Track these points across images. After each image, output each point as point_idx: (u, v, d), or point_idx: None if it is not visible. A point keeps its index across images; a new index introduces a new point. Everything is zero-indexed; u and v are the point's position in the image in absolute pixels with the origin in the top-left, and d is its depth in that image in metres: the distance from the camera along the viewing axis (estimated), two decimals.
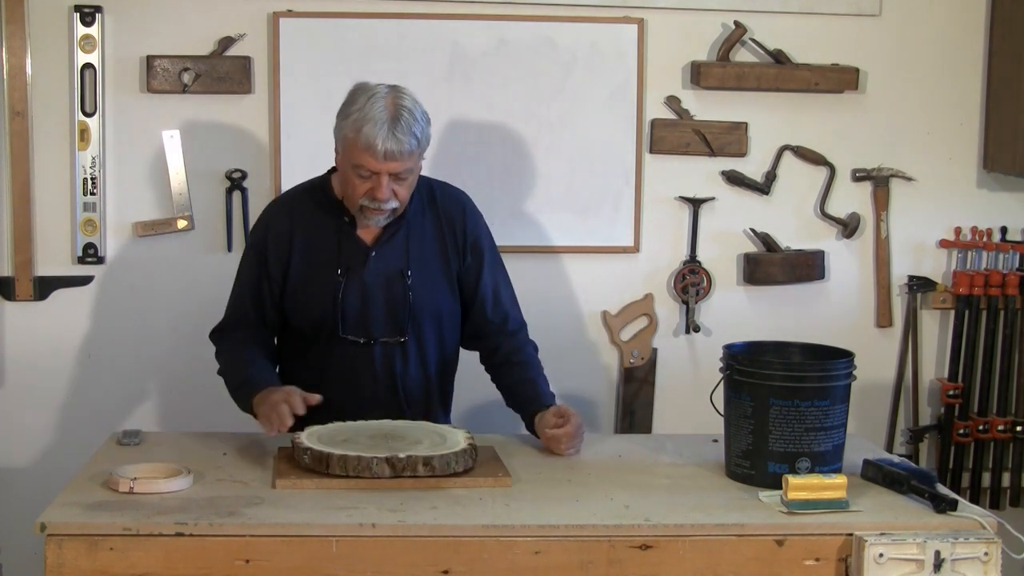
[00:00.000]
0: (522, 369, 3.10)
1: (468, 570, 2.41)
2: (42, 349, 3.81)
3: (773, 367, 2.68)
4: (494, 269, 3.13)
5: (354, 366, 3.01)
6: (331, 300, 2.98)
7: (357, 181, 2.88)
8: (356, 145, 2.83)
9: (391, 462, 2.61)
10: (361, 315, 3.00)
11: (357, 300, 2.99)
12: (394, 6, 3.82)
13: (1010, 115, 3.93)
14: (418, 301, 3.01)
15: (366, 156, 2.83)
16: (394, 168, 2.84)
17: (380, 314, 3.00)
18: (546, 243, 3.93)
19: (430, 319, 3.05)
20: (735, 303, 4.04)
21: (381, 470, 2.61)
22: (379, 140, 2.80)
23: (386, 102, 2.84)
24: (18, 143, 3.71)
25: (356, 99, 2.87)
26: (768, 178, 3.99)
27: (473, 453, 2.71)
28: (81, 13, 3.70)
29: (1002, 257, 4.08)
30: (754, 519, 2.50)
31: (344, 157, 2.90)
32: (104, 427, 3.68)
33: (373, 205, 2.89)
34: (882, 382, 4.09)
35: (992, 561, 2.45)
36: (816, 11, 3.95)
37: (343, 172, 2.93)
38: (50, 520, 2.38)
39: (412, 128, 2.83)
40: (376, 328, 3.01)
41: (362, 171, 2.86)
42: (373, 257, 2.99)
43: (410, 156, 2.85)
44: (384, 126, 2.80)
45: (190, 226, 3.82)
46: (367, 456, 2.62)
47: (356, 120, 2.83)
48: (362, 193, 2.88)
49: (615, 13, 3.89)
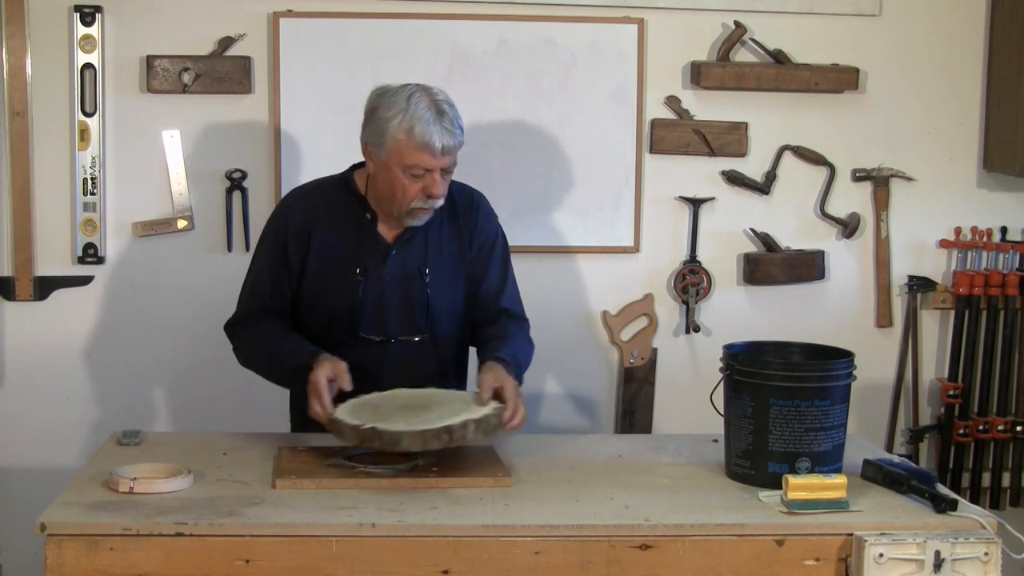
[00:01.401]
0: (499, 334, 3.03)
1: (468, 570, 2.41)
2: (42, 349, 3.82)
3: (773, 367, 2.68)
4: (501, 267, 3.13)
5: (371, 364, 3.00)
6: (349, 298, 2.98)
7: (408, 182, 2.87)
8: (409, 145, 2.83)
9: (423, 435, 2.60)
10: (378, 314, 3.00)
11: (375, 299, 2.99)
12: (394, 6, 3.82)
13: (1010, 115, 3.93)
14: (436, 299, 3.02)
15: (422, 155, 2.83)
16: (446, 163, 2.87)
17: (397, 313, 3.01)
18: (546, 243, 3.93)
19: (446, 317, 3.05)
20: (735, 303, 4.04)
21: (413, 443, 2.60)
22: (435, 137, 2.81)
23: (427, 101, 2.85)
24: (18, 143, 3.71)
25: (392, 102, 2.86)
26: (768, 178, 3.99)
27: (485, 424, 2.66)
28: (81, 13, 3.71)
29: (1002, 257, 4.08)
30: (754, 519, 2.50)
31: (392, 160, 2.87)
32: (104, 427, 3.69)
33: (427, 204, 2.89)
34: (882, 382, 4.09)
35: (992, 561, 2.45)
36: (816, 11, 3.95)
37: (388, 176, 2.89)
38: (50, 520, 2.38)
39: (457, 120, 2.87)
40: (393, 327, 3.01)
41: (415, 170, 2.85)
42: (392, 256, 2.99)
43: (459, 148, 2.89)
44: (436, 123, 2.82)
45: (190, 226, 3.82)
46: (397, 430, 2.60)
47: (403, 121, 2.83)
48: (415, 194, 2.87)
49: (615, 13, 3.89)
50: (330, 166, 3.75)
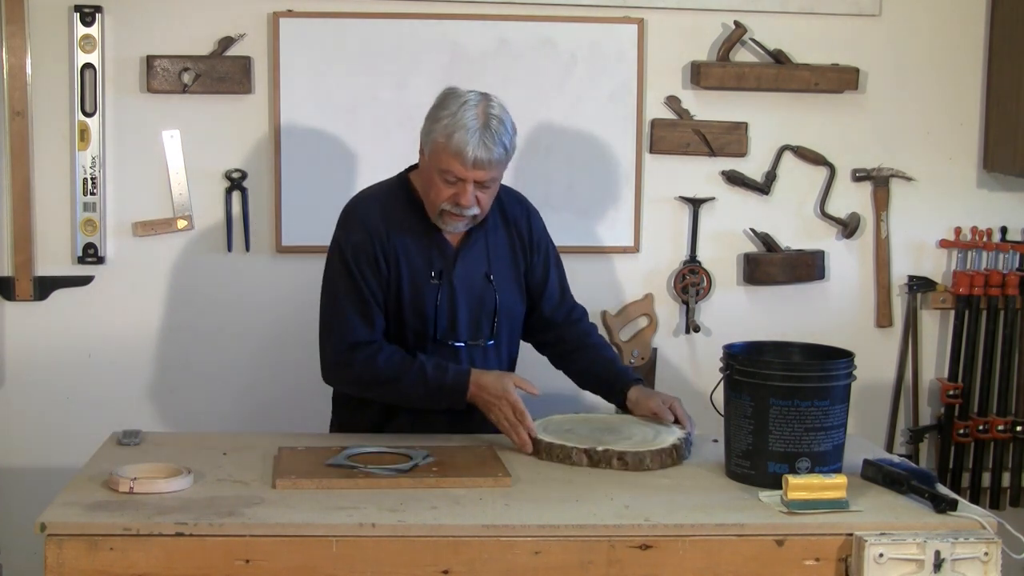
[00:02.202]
0: (597, 350, 3.19)
1: (468, 570, 2.41)
2: (42, 349, 3.81)
3: (773, 367, 2.68)
4: (558, 267, 3.21)
5: None
6: (429, 304, 2.98)
7: (442, 186, 2.88)
8: (446, 150, 2.84)
9: (589, 453, 2.78)
10: (452, 318, 3.01)
11: (448, 303, 3.00)
12: (394, 6, 3.82)
13: (1010, 115, 3.93)
14: (502, 303, 3.05)
15: (455, 162, 2.83)
16: (480, 176, 2.86)
17: (466, 317, 3.02)
18: None
19: (508, 320, 3.09)
20: (735, 303, 4.04)
21: (579, 459, 2.78)
22: (469, 148, 2.81)
23: (478, 110, 2.85)
24: (18, 143, 3.71)
25: (448, 104, 2.88)
26: (768, 178, 3.99)
27: (674, 453, 2.81)
28: (81, 13, 3.70)
29: (1002, 257, 4.09)
30: (754, 519, 2.50)
31: (431, 161, 2.89)
32: (104, 427, 3.68)
33: (455, 211, 2.90)
34: (882, 382, 4.09)
35: (992, 561, 2.45)
36: (816, 11, 3.95)
37: (428, 175, 2.92)
38: (50, 520, 2.38)
39: (501, 137, 2.86)
40: (464, 331, 3.02)
41: (448, 176, 2.86)
42: (460, 260, 3.01)
43: (497, 165, 2.88)
44: (476, 134, 2.82)
45: (190, 226, 3.82)
46: (569, 446, 2.80)
47: (447, 125, 2.84)
48: (445, 198, 2.89)
49: (615, 13, 3.89)
50: (330, 166, 3.77)
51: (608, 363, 3.17)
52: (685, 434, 2.91)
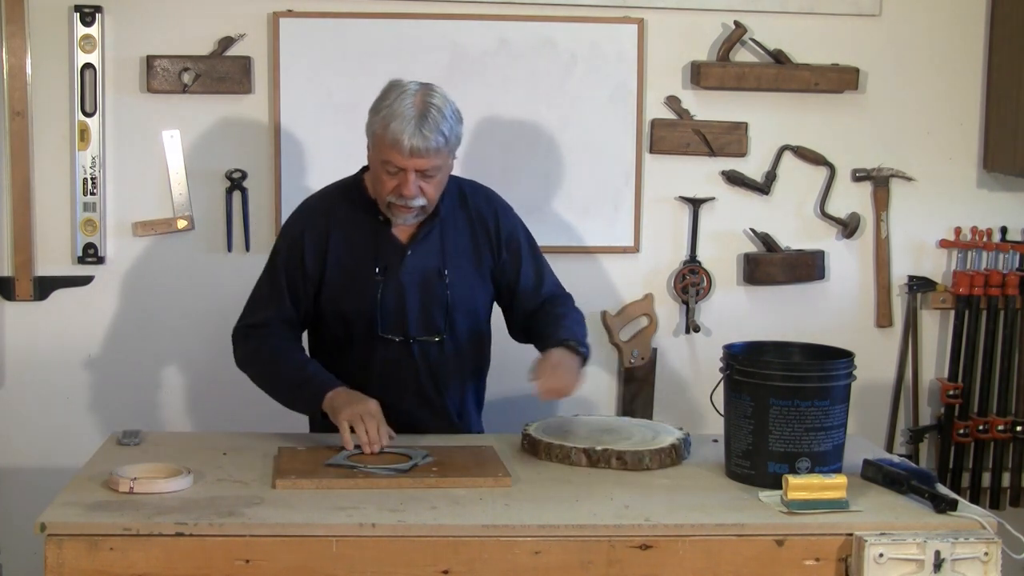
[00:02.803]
0: (552, 310, 3.11)
1: (468, 570, 2.41)
2: (42, 349, 3.82)
3: (773, 367, 2.68)
4: (534, 260, 3.16)
5: (393, 365, 3.01)
6: (370, 299, 2.98)
7: (385, 177, 2.89)
8: (384, 141, 2.85)
9: (588, 453, 2.79)
10: (398, 314, 3.00)
11: (394, 299, 3.00)
12: (394, 6, 3.82)
13: (1010, 115, 3.93)
14: (455, 299, 3.02)
15: (393, 152, 2.84)
16: (420, 165, 2.86)
17: (416, 313, 3.01)
18: (546, 243, 3.90)
19: (466, 317, 3.06)
20: (735, 303, 4.04)
21: (579, 459, 2.79)
22: (405, 136, 2.82)
23: (415, 99, 2.85)
24: (18, 143, 3.71)
25: (388, 95, 2.89)
26: (768, 178, 3.99)
27: (674, 453, 2.82)
28: (81, 13, 3.70)
29: (1002, 257, 4.09)
30: (754, 519, 2.50)
31: (374, 153, 2.92)
32: (104, 427, 3.69)
33: (400, 202, 2.90)
34: (882, 382, 4.09)
35: (992, 561, 2.45)
36: (816, 11, 3.95)
37: (373, 168, 2.95)
38: (50, 520, 2.38)
39: (440, 126, 2.85)
40: (413, 327, 3.02)
41: (390, 167, 2.87)
42: (409, 256, 3.00)
43: (436, 154, 2.86)
44: (412, 123, 2.82)
45: (190, 226, 3.82)
46: (568, 446, 2.81)
47: (384, 116, 2.85)
48: (390, 189, 2.89)
49: (615, 13, 3.89)
50: (330, 166, 3.77)
51: (552, 319, 3.07)
52: (684, 434, 2.91)
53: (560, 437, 2.87)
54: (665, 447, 2.82)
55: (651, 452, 2.79)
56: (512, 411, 3.63)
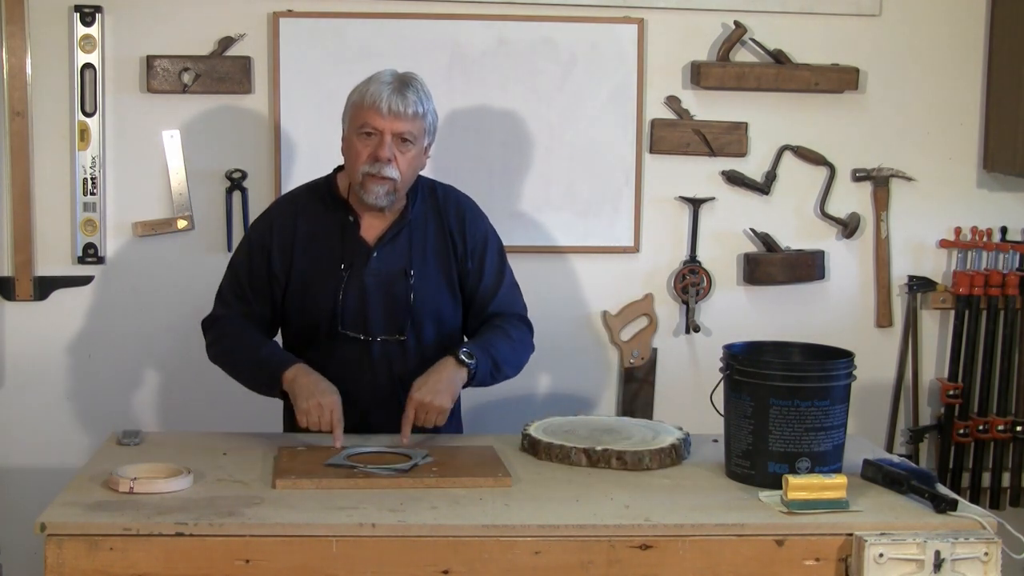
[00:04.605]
0: (492, 323, 3.08)
1: (468, 570, 2.41)
2: (42, 349, 3.82)
3: (773, 367, 2.68)
4: (497, 269, 3.12)
5: (354, 363, 3.02)
6: (332, 296, 2.99)
7: (360, 146, 2.91)
8: (361, 106, 2.90)
9: (588, 453, 2.79)
10: (360, 312, 3.00)
11: (356, 297, 3.00)
12: (394, 6, 3.82)
13: (1010, 115, 3.93)
14: (419, 300, 3.01)
15: (371, 112, 2.87)
16: (398, 127, 2.88)
17: (379, 312, 3.01)
18: (546, 243, 3.93)
19: (431, 319, 3.05)
20: (735, 303, 4.04)
21: (579, 459, 2.79)
22: (384, 95, 2.87)
23: (394, 73, 2.94)
24: (18, 143, 3.71)
25: (365, 80, 2.97)
26: (768, 178, 3.99)
27: (674, 453, 2.82)
28: (81, 13, 3.71)
29: (1002, 257, 4.09)
30: (754, 519, 2.50)
31: (350, 126, 2.94)
32: (104, 427, 3.68)
33: (374, 169, 2.89)
34: (882, 382, 4.09)
35: (992, 561, 2.45)
36: (816, 11, 3.96)
37: (348, 145, 2.96)
38: (50, 520, 2.38)
39: (419, 96, 2.92)
40: (375, 326, 3.01)
41: (367, 129, 2.89)
42: (374, 257, 3.00)
43: (414, 119, 2.89)
44: (390, 86, 2.89)
45: (190, 226, 3.82)
46: (568, 446, 2.81)
47: (363, 85, 2.93)
48: (365, 157, 2.90)
49: (615, 13, 3.89)
50: (330, 166, 3.76)
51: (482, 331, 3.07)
52: (684, 434, 2.91)
53: (560, 437, 2.87)
54: (665, 447, 2.82)
55: (651, 452, 2.79)
56: (512, 411, 3.64)
